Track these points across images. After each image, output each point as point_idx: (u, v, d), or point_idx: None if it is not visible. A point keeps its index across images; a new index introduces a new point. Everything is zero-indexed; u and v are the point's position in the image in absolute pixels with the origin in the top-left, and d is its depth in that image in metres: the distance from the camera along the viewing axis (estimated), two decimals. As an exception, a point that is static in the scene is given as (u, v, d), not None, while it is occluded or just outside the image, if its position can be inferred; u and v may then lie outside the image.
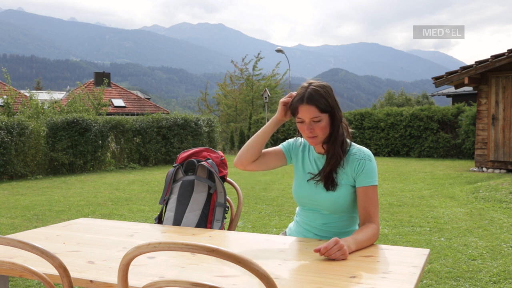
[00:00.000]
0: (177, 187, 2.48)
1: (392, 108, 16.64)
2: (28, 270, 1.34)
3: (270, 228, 5.40)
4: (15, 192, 8.57)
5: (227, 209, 2.48)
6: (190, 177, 2.47)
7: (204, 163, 2.47)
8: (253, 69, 26.40)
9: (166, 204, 2.51)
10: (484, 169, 10.76)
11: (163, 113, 16.47)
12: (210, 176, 2.47)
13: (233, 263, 1.05)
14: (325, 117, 1.95)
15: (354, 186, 1.98)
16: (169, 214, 2.45)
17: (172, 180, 2.51)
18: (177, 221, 2.41)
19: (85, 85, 25.55)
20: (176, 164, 2.55)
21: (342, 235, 1.96)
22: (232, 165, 2.10)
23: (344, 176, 1.98)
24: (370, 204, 1.94)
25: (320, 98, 1.93)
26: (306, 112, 1.94)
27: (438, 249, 4.34)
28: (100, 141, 12.43)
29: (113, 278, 1.45)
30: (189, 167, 2.50)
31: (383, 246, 1.83)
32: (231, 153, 18.40)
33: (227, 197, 2.51)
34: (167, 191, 2.52)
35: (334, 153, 1.98)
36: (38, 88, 49.08)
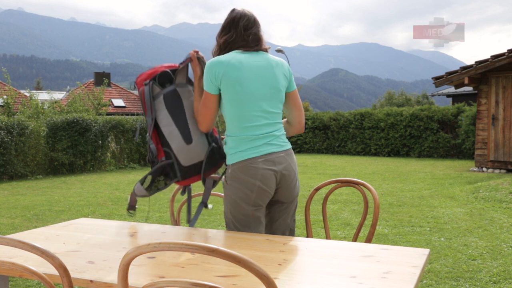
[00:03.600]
0: (160, 102, 2.20)
1: (392, 108, 16.63)
2: (28, 270, 1.34)
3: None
4: (15, 192, 8.57)
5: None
6: (170, 88, 2.22)
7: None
8: (253, 69, 26.40)
9: (155, 126, 2.20)
10: (484, 169, 10.76)
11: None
12: (190, 81, 2.29)
13: (233, 263, 1.05)
14: None
15: None
16: (169, 129, 2.19)
17: (151, 98, 2.19)
18: (187, 137, 2.20)
19: (85, 85, 25.54)
20: (145, 82, 2.22)
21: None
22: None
23: None
24: None
25: None
26: None
27: (438, 249, 4.34)
28: (100, 141, 12.43)
29: (113, 278, 1.45)
30: (164, 78, 2.23)
31: (383, 246, 1.83)
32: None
33: None
34: (150, 110, 2.19)
35: None
36: (38, 88, 49.12)
